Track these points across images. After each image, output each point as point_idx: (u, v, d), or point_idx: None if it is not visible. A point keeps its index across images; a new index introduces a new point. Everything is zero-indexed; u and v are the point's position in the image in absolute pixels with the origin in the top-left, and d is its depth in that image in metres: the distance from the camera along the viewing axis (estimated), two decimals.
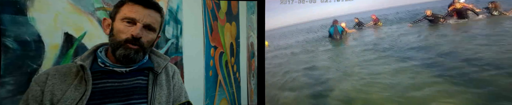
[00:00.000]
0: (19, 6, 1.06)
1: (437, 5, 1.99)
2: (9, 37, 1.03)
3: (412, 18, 2.07)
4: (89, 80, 0.88)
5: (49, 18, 1.14)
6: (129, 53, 0.93)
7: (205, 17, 1.82)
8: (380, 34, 2.09)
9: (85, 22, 1.25)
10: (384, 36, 2.05)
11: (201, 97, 1.78)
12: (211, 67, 1.86)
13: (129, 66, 0.96)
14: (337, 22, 2.12)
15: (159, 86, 1.01)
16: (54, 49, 1.14)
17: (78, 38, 1.22)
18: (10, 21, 1.05)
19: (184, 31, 1.68)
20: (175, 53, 1.64)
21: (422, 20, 2.01)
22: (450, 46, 1.80)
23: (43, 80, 0.89)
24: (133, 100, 0.94)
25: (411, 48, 1.89)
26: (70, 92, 0.88)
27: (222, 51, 1.94)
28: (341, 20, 2.14)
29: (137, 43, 0.94)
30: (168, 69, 1.07)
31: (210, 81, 1.85)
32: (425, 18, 2.00)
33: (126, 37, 0.92)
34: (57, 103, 0.87)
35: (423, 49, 1.86)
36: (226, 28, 1.97)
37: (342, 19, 2.15)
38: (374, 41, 2.04)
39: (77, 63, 0.89)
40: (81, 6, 1.24)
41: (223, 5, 1.95)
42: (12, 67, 1.04)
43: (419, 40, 1.92)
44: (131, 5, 0.95)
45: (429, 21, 2.01)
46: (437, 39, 1.87)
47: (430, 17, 2.00)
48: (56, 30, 1.16)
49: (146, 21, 0.94)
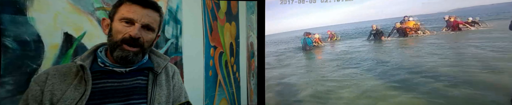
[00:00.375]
0: (18, 6, 1.06)
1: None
2: (8, 37, 1.03)
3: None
4: (89, 80, 0.88)
5: (49, 18, 1.14)
6: (127, 55, 0.93)
7: (205, 17, 1.82)
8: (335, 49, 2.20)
9: (84, 22, 1.25)
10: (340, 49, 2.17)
11: (201, 97, 1.78)
12: (211, 67, 1.85)
13: (128, 66, 0.96)
14: (309, 34, 2.23)
15: (159, 86, 1.01)
16: (53, 49, 1.14)
17: (78, 38, 1.22)
18: (10, 21, 1.04)
19: (184, 31, 1.68)
20: (174, 53, 1.63)
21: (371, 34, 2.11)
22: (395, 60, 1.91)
23: (43, 80, 0.89)
24: (133, 100, 0.94)
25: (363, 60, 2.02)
26: (70, 92, 0.88)
27: (222, 51, 1.94)
28: (316, 32, 2.24)
29: (136, 44, 0.94)
30: (168, 69, 1.07)
31: (210, 81, 1.85)
32: (370, 32, 2.08)
33: (123, 37, 0.92)
34: (56, 103, 0.87)
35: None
36: (225, 28, 1.97)
37: (317, 31, 2.25)
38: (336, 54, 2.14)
39: (77, 63, 0.89)
40: (81, 6, 1.23)
41: (222, 5, 1.95)
42: (12, 67, 1.04)
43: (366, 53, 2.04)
44: (129, 5, 0.95)
45: (373, 36, 2.09)
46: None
47: (374, 31, 2.07)
48: (55, 30, 1.16)
49: (144, 21, 0.94)
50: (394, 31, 2.04)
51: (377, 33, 2.08)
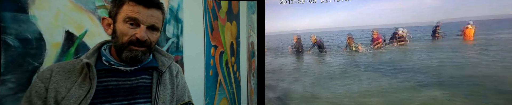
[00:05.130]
0: (20, 4, 1.06)
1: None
2: (10, 35, 1.03)
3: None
4: (94, 78, 0.88)
5: (50, 16, 1.13)
6: (136, 54, 0.93)
7: (206, 16, 1.81)
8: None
9: (86, 21, 1.24)
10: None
11: (201, 96, 1.77)
12: (211, 66, 1.85)
13: (134, 64, 0.95)
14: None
15: (163, 85, 1.00)
16: (55, 47, 1.13)
17: (79, 36, 1.21)
18: (11, 19, 1.04)
19: (185, 30, 1.68)
20: (175, 52, 1.63)
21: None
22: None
23: (47, 77, 0.88)
24: (137, 99, 0.94)
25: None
26: (75, 89, 0.87)
27: (223, 50, 1.94)
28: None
29: (143, 45, 0.93)
30: (172, 68, 1.06)
31: (210, 80, 1.84)
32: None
33: (130, 39, 0.91)
34: (61, 100, 0.86)
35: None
36: (226, 27, 1.97)
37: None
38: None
39: (83, 61, 0.88)
40: (82, 4, 1.22)
41: (223, 4, 1.94)
42: (13, 65, 1.03)
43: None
44: (133, 5, 0.94)
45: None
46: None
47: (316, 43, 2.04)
48: (57, 28, 1.15)
49: (149, 22, 0.93)
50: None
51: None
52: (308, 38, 2.08)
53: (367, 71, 1.79)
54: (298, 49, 2.07)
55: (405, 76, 1.65)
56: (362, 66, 1.83)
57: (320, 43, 2.04)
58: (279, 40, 2.14)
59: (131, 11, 0.92)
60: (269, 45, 2.13)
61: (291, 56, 2.09)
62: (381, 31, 1.85)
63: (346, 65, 1.89)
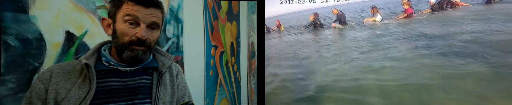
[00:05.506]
0: (20, 4, 1.06)
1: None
2: (10, 35, 1.03)
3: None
4: (93, 79, 0.88)
5: (50, 16, 1.13)
6: (137, 54, 0.93)
7: (206, 16, 1.81)
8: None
9: (86, 21, 1.24)
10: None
11: (202, 96, 1.78)
12: (211, 67, 1.85)
13: (134, 65, 0.95)
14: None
15: (163, 86, 1.00)
16: (55, 47, 1.13)
17: (80, 36, 1.21)
18: (12, 19, 1.04)
19: (185, 30, 1.68)
20: (175, 52, 1.63)
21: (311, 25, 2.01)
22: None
23: (46, 78, 0.88)
24: (137, 100, 0.94)
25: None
26: (74, 90, 0.87)
27: (223, 50, 1.94)
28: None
29: (143, 45, 0.93)
30: (172, 69, 1.06)
31: (211, 81, 1.84)
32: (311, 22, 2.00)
33: (130, 39, 0.91)
34: (61, 101, 0.86)
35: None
36: (226, 27, 1.97)
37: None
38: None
39: (82, 61, 0.88)
40: (82, 4, 1.22)
41: (223, 4, 1.94)
42: (14, 65, 1.03)
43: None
44: (132, 5, 0.94)
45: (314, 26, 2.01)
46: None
47: (313, 22, 1.99)
48: (57, 28, 1.15)
49: (149, 21, 0.93)
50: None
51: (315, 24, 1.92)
52: (328, 13, 1.97)
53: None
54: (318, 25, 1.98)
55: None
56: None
57: (341, 16, 1.89)
58: (298, 17, 2.12)
59: (131, 11, 0.92)
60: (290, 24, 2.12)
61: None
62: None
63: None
